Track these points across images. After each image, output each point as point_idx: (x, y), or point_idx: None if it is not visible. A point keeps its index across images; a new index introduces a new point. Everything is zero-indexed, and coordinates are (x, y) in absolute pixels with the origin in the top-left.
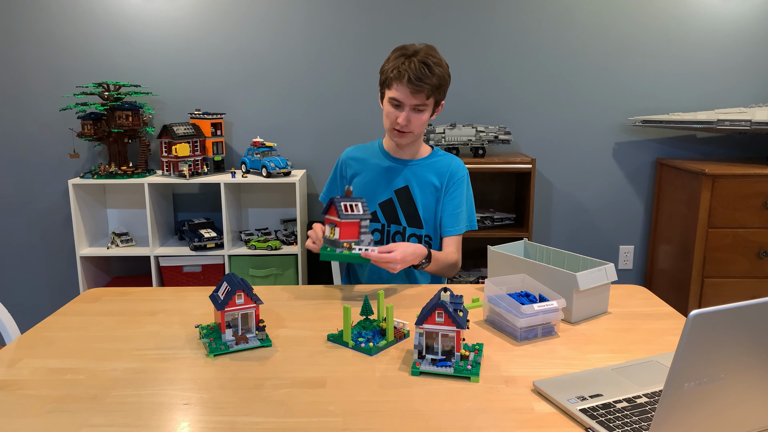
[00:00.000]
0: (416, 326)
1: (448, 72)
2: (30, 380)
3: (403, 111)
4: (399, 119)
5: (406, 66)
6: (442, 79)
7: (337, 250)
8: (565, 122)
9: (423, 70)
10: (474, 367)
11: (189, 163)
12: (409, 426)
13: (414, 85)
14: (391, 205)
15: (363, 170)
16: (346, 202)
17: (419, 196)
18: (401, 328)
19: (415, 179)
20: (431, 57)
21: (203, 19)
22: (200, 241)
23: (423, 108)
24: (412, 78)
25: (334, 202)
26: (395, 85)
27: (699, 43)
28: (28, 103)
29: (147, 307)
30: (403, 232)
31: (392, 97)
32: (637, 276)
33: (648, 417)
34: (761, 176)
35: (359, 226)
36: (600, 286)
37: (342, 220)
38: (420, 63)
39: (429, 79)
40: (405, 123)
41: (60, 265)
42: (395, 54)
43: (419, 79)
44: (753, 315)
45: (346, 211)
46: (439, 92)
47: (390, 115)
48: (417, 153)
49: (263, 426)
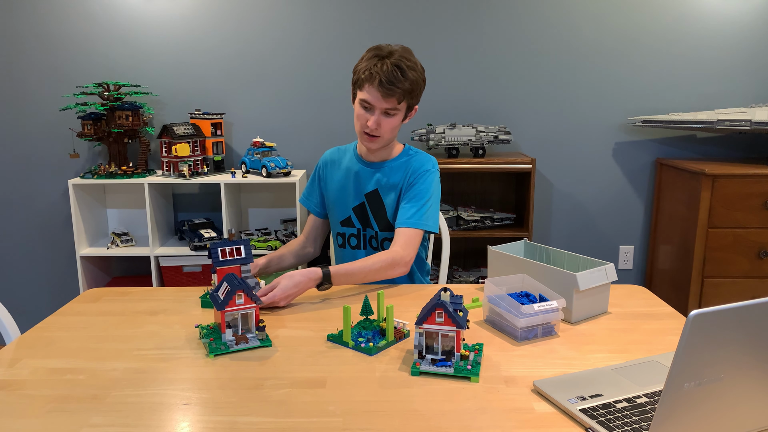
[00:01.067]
0: (416, 326)
1: (422, 76)
2: (30, 380)
3: (374, 114)
4: (369, 122)
5: (378, 68)
6: (415, 83)
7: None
8: (565, 122)
9: (395, 73)
10: (474, 367)
11: (189, 163)
12: (409, 426)
13: (385, 88)
14: (363, 209)
15: (336, 173)
16: (225, 247)
17: (388, 198)
18: (401, 328)
19: (384, 182)
20: (405, 60)
21: (203, 19)
22: (200, 241)
23: (394, 112)
24: (383, 81)
25: (210, 248)
26: (366, 87)
27: (699, 43)
28: (28, 103)
29: (147, 307)
30: (376, 236)
31: (363, 99)
32: (637, 276)
33: (648, 417)
34: (761, 176)
35: (240, 271)
36: (600, 286)
37: (218, 267)
38: (393, 66)
39: (401, 83)
40: (375, 126)
41: (60, 265)
42: (369, 54)
43: (390, 83)
44: (753, 315)
45: (224, 257)
46: (412, 97)
47: (360, 117)
48: (388, 155)
49: (263, 426)
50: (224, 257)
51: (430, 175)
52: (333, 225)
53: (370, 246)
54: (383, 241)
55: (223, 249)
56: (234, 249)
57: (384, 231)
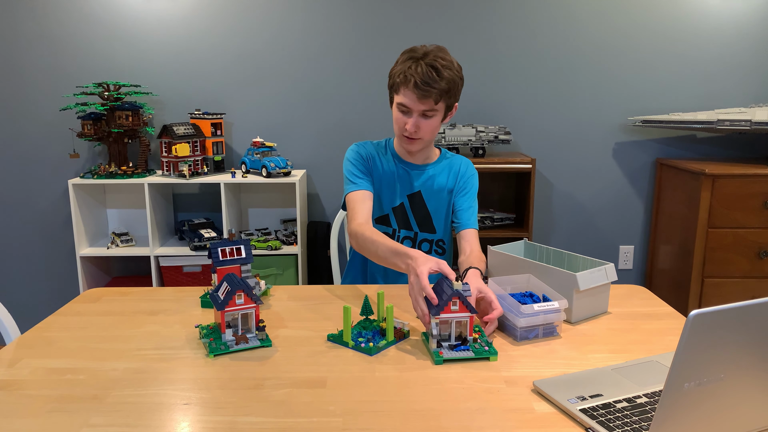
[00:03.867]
0: (432, 316)
1: (460, 74)
2: (30, 380)
3: (412, 117)
4: (407, 125)
5: (413, 70)
6: (452, 82)
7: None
8: (565, 122)
9: (431, 73)
10: (489, 347)
11: (189, 163)
12: (409, 426)
13: (421, 90)
14: (402, 210)
15: (376, 169)
16: (225, 247)
17: (431, 201)
18: (401, 328)
19: (428, 184)
20: (440, 59)
21: (203, 19)
22: (200, 241)
23: (432, 113)
24: (418, 83)
25: (210, 248)
26: (402, 90)
27: (699, 43)
28: (28, 103)
29: (147, 307)
30: (414, 237)
31: (400, 103)
32: (637, 276)
33: (648, 417)
34: (761, 176)
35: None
36: (600, 286)
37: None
38: (428, 66)
39: (437, 84)
40: (414, 129)
41: (60, 265)
42: (404, 57)
43: (426, 84)
44: (753, 315)
45: (224, 257)
46: (450, 96)
47: (398, 120)
48: (428, 157)
49: (263, 426)
50: (224, 257)
51: (476, 177)
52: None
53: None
54: (421, 243)
55: (223, 249)
56: (234, 249)
57: (424, 232)
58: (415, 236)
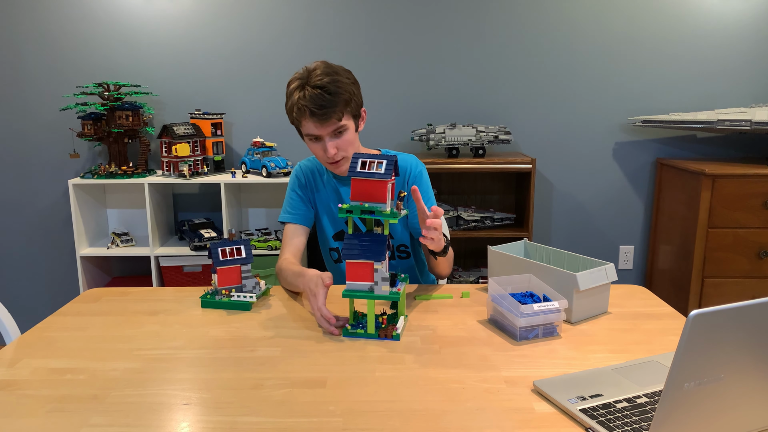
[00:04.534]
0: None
1: (351, 79)
2: (30, 380)
3: (325, 142)
4: (327, 153)
5: (304, 100)
6: (347, 92)
7: (216, 298)
8: (565, 122)
9: (322, 96)
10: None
11: (189, 163)
12: (409, 426)
13: (318, 116)
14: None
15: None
16: (226, 246)
17: None
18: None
19: None
20: (324, 76)
21: (203, 19)
22: (200, 241)
23: (342, 129)
24: (314, 110)
25: (210, 248)
26: (303, 122)
27: (699, 43)
28: (28, 103)
29: (147, 307)
30: None
31: (308, 134)
32: (637, 276)
33: (648, 417)
34: (761, 176)
35: (240, 271)
36: (600, 286)
37: (218, 267)
38: (314, 89)
39: (331, 103)
40: (334, 152)
41: (60, 265)
42: (291, 88)
43: (322, 107)
44: (753, 315)
45: (224, 256)
46: (351, 106)
47: (316, 151)
48: None
49: (263, 426)
50: (224, 257)
51: (424, 174)
52: (323, 242)
53: None
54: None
55: (223, 249)
56: (234, 249)
57: None
58: None
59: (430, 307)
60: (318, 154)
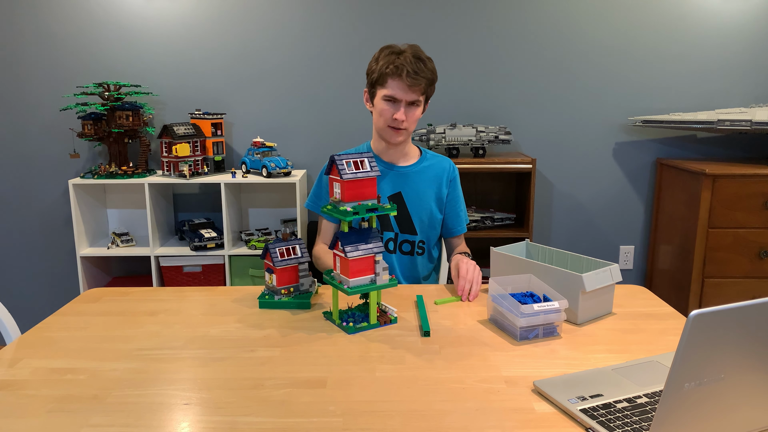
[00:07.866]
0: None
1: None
2: (30, 380)
3: (400, 107)
4: (396, 115)
5: (402, 60)
6: (434, 74)
7: (276, 297)
8: (565, 122)
9: (418, 64)
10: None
11: (189, 163)
12: (409, 426)
13: (412, 78)
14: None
15: None
16: (282, 246)
17: (412, 203)
18: (389, 313)
19: (408, 185)
20: (421, 52)
21: (203, 19)
22: (200, 241)
23: (418, 104)
24: (410, 72)
25: (268, 248)
26: (390, 81)
27: (699, 42)
28: (28, 103)
29: (147, 307)
30: (395, 238)
31: (387, 95)
32: (638, 276)
33: (648, 417)
34: (761, 176)
35: (297, 270)
36: (605, 287)
37: (277, 266)
38: (414, 58)
39: (425, 73)
40: (404, 118)
41: (60, 265)
42: (385, 52)
43: (416, 73)
44: (753, 315)
45: (282, 257)
46: (431, 88)
47: (385, 112)
48: (407, 156)
49: (263, 426)
50: (282, 257)
51: (458, 177)
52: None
53: (386, 248)
54: (402, 244)
55: (281, 249)
56: (290, 248)
57: (404, 233)
58: (396, 237)
59: (430, 307)
60: (386, 115)
